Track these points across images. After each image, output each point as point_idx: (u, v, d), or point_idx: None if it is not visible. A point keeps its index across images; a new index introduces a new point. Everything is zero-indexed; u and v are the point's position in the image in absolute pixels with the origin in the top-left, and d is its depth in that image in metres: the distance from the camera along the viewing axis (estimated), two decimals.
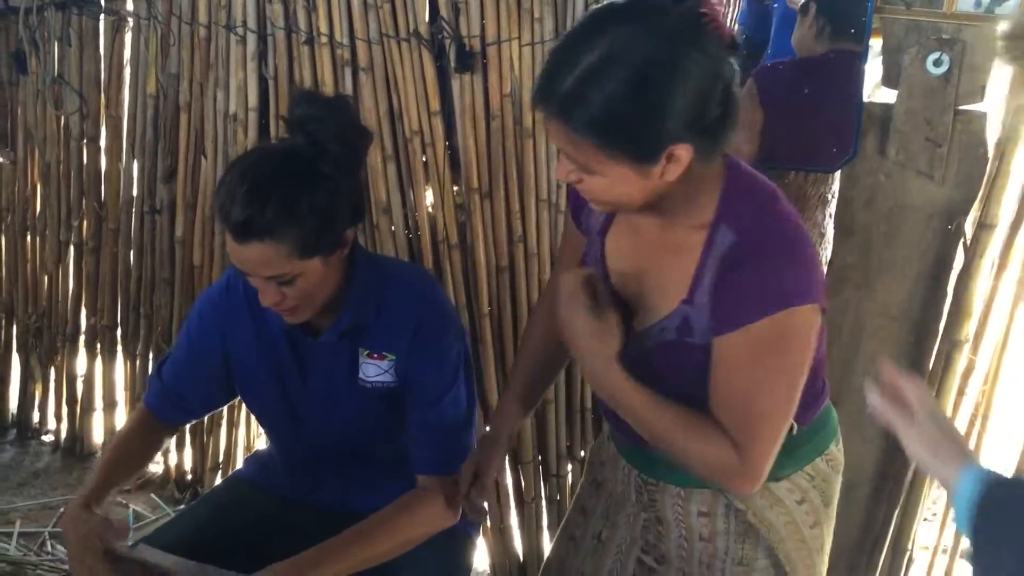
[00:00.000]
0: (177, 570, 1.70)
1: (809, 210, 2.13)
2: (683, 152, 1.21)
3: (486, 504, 1.68)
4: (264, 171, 1.53)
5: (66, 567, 2.57)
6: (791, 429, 1.38)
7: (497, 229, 2.46)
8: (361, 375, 1.73)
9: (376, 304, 1.70)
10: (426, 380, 1.71)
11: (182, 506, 3.04)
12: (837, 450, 1.59)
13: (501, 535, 2.64)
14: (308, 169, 1.54)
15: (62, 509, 2.99)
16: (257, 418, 1.95)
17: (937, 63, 1.93)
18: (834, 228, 2.12)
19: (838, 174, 2.09)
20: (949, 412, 2.11)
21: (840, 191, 2.10)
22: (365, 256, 1.74)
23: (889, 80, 2.00)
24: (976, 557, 1.05)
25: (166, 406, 1.84)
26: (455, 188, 2.50)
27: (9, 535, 2.72)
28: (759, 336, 1.25)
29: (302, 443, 1.85)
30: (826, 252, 2.15)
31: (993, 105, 1.96)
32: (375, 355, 1.72)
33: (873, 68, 2.02)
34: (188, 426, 3.03)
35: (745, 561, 1.51)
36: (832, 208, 2.13)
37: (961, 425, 2.17)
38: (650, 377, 1.36)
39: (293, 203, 1.50)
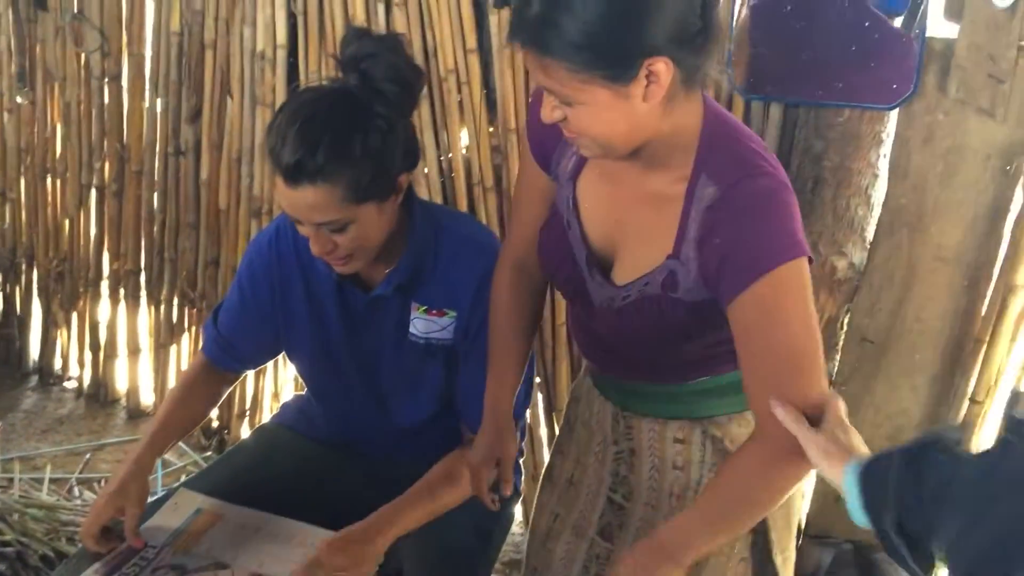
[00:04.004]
0: (223, 513, 1.67)
1: (863, 150, 2.05)
2: (662, 68, 1.15)
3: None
4: (316, 112, 1.47)
5: None
6: None
7: None
8: (412, 331, 1.68)
9: (433, 256, 1.64)
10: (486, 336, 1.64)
11: (208, 453, 3.02)
12: None
13: (534, 483, 2.62)
14: (361, 110, 1.48)
15: (88, 455, 2.97)
16: (298, 369, 1.90)
17: None
18: (888, 169, 2.05)
19: (894, 113, 2.02)
20: (1002, 357, 2.06)
21: (896, 130, 2.03)
22: (421, 204, 1.68)
23: (951, 13, 1.92)
24: (882, 537, 1.09)
25: (222, 354, 1.80)
26: (491, 128, 2.44)
27: (39, 480, 2.70)
28: (764, 294, 1.22)
29: (344, 396, 1.81)
30: (879, 193, 2.09)
31: None
32: (433, 311, 1.66)
33: (935, 1, 1.94)
34: None
35: None
36: (887, 148, 2.06)
37: (1013, 371, 2.13)
38: (625, 331, 1.36)
39: (346, 145, 1.44)
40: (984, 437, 2.18)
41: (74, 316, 3.29)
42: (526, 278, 1.58)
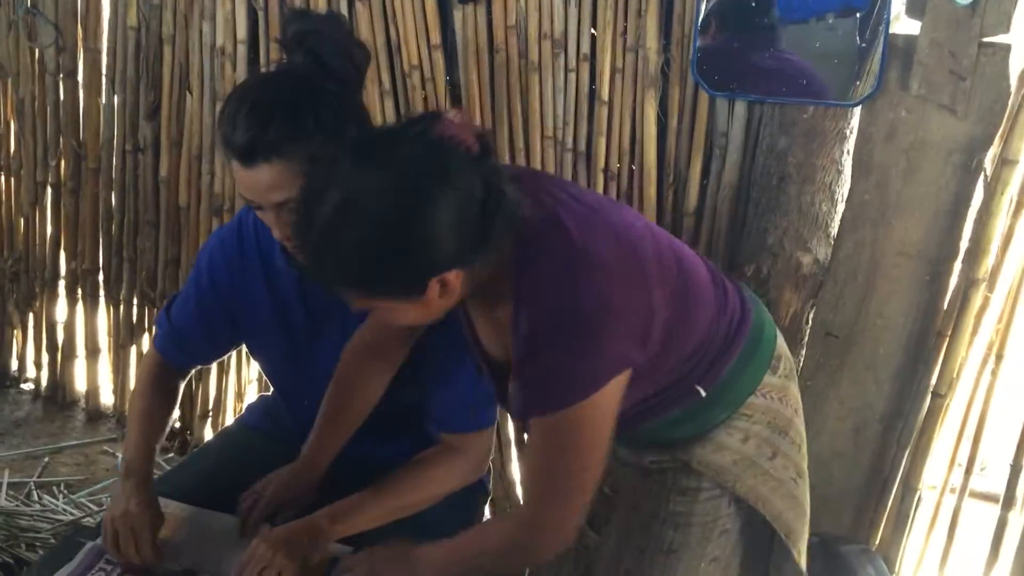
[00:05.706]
0: (188, 517, 1.64)
1: (827, 146, 2.06)
2: (452, 278, 1.18)
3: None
4: (265, 92, 1.45)
5: (57, 516, 2.51)
6: (698, 393, 1.40)
7: None
8: None
9: None
10: (450, 333, 1.60)
11: (170, 454, 2.98)
12: (776, 379, 1.52)
13: (501, 481, 2.61)
14: (311, 87, 1.45)
15: (46, 459, 2.92)
16: (263, 367, 1.87)
17: None
18: (852, 165, 2.07)
19: (857, 109, 2.03)
20: (963, 350, 2.09)
21: (859, 126, 2.04)
22: None
23: (913, 10, 1.94)
24: None
25: (175, 349, 1.76)
26: None
27: None
28: (548, 425, 1.26)
29: (311, 396, 1.78)
30: (843, 189, 2.10)
31: (1017, 36, 1.91)
32: None
33: None
34: None
35: (688, 492, 1.50)
36: (850, 144, 2.07)
37: (975, 364, 2.16)
38: None
39: (298, 119, 1.40)
40: (946, 431, 2.21)
41: (30, 317, 3.22)
42: (377, 363, 1.61)
